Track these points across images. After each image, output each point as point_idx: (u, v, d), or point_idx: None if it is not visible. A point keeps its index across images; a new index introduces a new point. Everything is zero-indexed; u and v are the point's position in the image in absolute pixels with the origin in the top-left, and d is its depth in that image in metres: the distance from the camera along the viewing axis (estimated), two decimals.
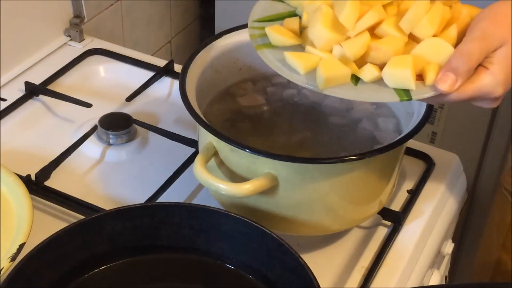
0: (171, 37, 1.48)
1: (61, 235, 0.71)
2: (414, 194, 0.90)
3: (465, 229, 1.48)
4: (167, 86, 1.08)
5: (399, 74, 0.69)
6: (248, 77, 0.91)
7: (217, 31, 1.45)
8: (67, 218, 0.86)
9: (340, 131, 0.85)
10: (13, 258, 0.74)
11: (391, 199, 0.89)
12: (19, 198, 0.82)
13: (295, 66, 0.72)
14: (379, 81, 0.70)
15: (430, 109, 0.78)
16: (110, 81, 1.10)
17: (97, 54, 1.13)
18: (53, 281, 0.71)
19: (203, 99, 0.84)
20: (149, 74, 1.08)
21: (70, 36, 1.16)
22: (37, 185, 0.88)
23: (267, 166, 0.74)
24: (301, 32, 0.76)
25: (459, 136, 1.38)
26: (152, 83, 1.07)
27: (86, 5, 1.18)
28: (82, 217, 0.79)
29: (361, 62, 0.72)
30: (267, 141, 0.83)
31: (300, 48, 0.74)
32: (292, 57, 0.72)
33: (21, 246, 0.75)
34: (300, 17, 0.77)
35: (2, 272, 0.72)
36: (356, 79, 0.71)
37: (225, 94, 0.89)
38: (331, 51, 0.72)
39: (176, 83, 1.08)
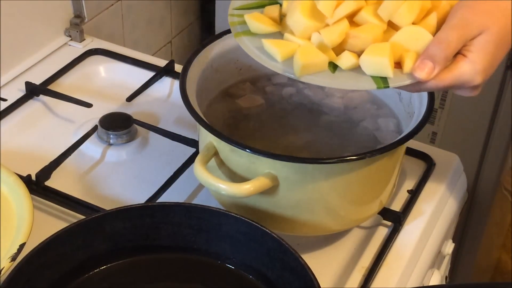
0: (171, 37, 1.48)
1: (61, 235, 0.71)
2: (414, 194, 0.90)
3: (465, 229, 1.48)
4: (167, 86, 1.08)
5: (376, 62, 0.69)
6: (248, 77, 0.91)
7: (217, 31, 1.45)
8: (67, 218, 0.86)
9: (340, 131, 0.85)
10: (13, 258, 0.74)
11: (391, 199, 0.89)
12: (19, 198, 0.82)
13: (273, 54, 0.72)
14: (357, 68, 0.70)
15: (430, 109, 0.78)
16: (110, 81, 1.10)
17: (98, 54, 1.13)
18: (53, 281, 0.71)
19: (203, 99, 0.84)
20: (150, 74, 1.08)
21: (70, 36, 1.16)
22: (37, 185, 0.88)
23: (267, 166, 0.74)
24: (281, 19, 0.76)
25: (459, 136, 1.38)
26: (152, 83, 1.07)
27: (87, 5, 1.18)
28: (82, 217, 0.79)
29: (340, 49, 0.71)
30: (267, 141, 0.83)
31: (279, 35, 0.74)
32: (269, 45, 0.72)
33: (22, 246, 0.75)
34: (281, 5, 0.77)
35: (2, 272, 0.72)
36: (334, 66, 0.71)
37: (225, 94, 0.89)
38: (309, 39, 0.72)
39: (176, 83, 1.08)
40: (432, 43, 0.69)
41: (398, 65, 0.70)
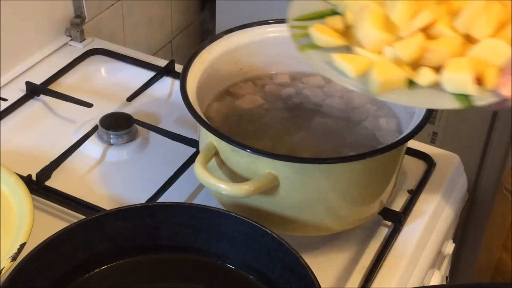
0: (172, 37, 1.48)
1: (62, 235, 0.71)
2: (414, 194, 0.90)
3: (465, 229, 1.48)
4: (167, 86, 1.08)
5: (458, 79, 0.65)
6: (249, 77, 0.91)
7: (217, 31, 1.45)
8: (68, 218, 0.86)
9: (341, 131, 0.85)
10: (13, 258, 0.74)
11: (391, 199, 0.89)
12: (20, 198, 0.82)
13: (344, 69, 0.68)
14: (434, 85, 0.67)
15: (430, 110, 0.78)
16: (111, 81, 1.10)
17: (98, 54, 1.13)
18: (54, 281, 0.71)
19: (204, 99, 0.84)
20: (150, 74, 1.08)
21: (71, 36, 1.16)
22: (38, 185, 0.88)
23: (267, 166, 0.74)
24: (345, 31, 0.72)
25: (459, 136, 1.38)
26: (153, 83, 1.07)
27: (87, 5, 1.18)
28: (83, 217, 0.79)
29: (412, 64, 0.68)
30: (268, 141, 0.83)
31: (345, 49, 0.70)
32: (341, 60, 0.68)
33: (22, 246, 0.75)
34: (341, 15, 0.73)
35: (2, 272, 0.72)
36: (410, 82, 0.67)
37: (226, 94, 0.89)
38: (380, 53, 0.68)
39: (177, 83, 1.08)
40: None
41: (477, 81, 0.66)
